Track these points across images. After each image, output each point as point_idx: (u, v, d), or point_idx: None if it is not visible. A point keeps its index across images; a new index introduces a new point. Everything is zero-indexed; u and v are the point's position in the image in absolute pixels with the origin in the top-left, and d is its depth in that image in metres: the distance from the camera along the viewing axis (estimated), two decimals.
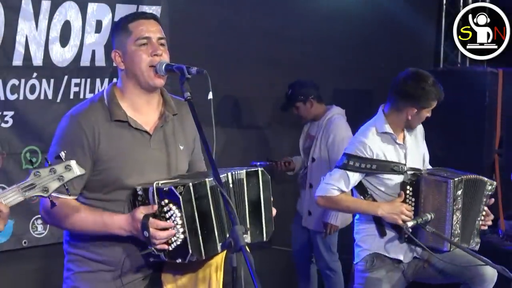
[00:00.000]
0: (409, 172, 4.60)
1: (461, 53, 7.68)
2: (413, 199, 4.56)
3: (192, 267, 3.34)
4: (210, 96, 3.18)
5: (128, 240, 3.31)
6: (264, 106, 6.55)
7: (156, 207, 3.19)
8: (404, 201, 4.55)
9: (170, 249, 3.21)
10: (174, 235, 3.18)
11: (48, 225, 4.87)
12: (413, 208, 4.55)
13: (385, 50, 7.27)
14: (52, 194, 3.21)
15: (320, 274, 6.42)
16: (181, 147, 3.48)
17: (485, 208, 4.68)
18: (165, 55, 3.36)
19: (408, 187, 4.57)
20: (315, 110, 6.11)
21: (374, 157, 4.55)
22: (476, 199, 4.62)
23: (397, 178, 4.60)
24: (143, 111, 3.42)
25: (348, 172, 4.55)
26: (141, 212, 3.20)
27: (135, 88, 3.38)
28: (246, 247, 2.92)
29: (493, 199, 4.70)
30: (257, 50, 6.30)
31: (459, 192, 4.51)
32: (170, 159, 3.42)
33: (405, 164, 4.60)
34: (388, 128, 4.62)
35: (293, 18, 6.58)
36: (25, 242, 4.88)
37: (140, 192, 3.25)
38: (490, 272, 4.53)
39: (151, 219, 3.17)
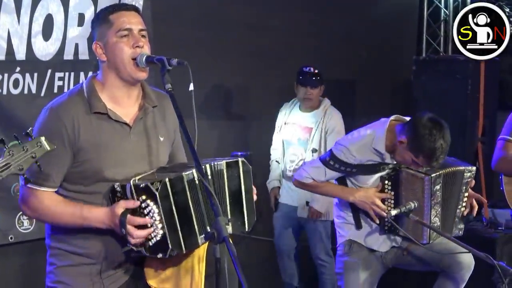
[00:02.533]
0: (388, 168, 4.60)
1: (443, 42, 7.74)
2: (392, 193, 4.58)
3: (175, 260, 3.34)
4: (191, 87, 3.19)
5: (108, 232, 3.32)
6: (246, 97, 6.56)
7: (137, 203, 3.20)
8: (381, 192, 4.58)
9: (150, 244, 3.22)
10: (153, 231, 3.19)
11: (34, 220, 4.86)
12: (392, 201, 4.58)
13: (367, 40, 7.29)
14: (32, 186, 3.25)
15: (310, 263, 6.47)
16: (162, 139, 3.48)
17: (468, 192, 4.68)
18: (146, 47, 3.35)
19: (386, 181, 4.59)
20: (318, 98, 6.22)
21: (357, 163, 4.56)
22: (455, 189, 4.65)
23: (375, 177, 4.62)
24: (123, 103, 3.41)
25: (327, 169, 4.60)
26: (121, 206, 3.21)
27: (116, 80, 3.38)
28: (229, 238, 2.95)
29: (473, 181, 4.71)
30: (240, 41, 6.31)
31: (437, 187, 4.52)
32: (151, 151, 3.43)
33: (386, 164, 4.57)
34: (382, 149, 4.51)
35: (275, 9, 6.59)
36: (11, 238, 4.87)
37: (118, 189, 3.25)
38: (467, 260, 4.57)
39: (129, 216, 3.17)
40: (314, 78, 6.16)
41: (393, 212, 4.50)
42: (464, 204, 4.69)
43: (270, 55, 6.52)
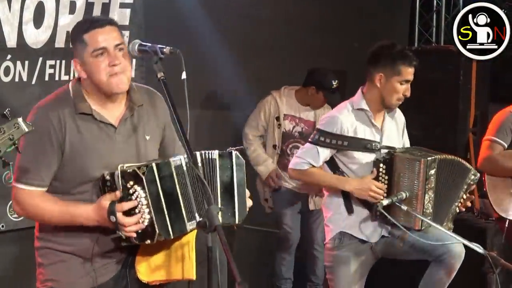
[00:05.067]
0: (382, 150, 4.63)
1: (436, 32, 7.74)
2: (386, 177, 4.59)
3: (165, 249, 3.37)
4: (184, 75, 3.19)
5: (96, 229, 3.34)
6: (237, 88, 6.54)
7: (119, 193, 3.21)
8: (376, 179, 4.59)
9: (139, 231, 3.23)
10: (141, 217, 3.20)
11: None
12: (386, 186, 4.59)
13: (359, 30, 7.28)
14: (22, 186, 3.26)
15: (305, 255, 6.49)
16: (147, 137, 3.49)
17: (467, 196, 4.73)
18: (124, 61, 3.34)
19: (381, 164, 4.60)
20: None
21: (344, 133, 4.58)
22: (455, 183, 4.67)
23: (370, 157, 4.63)
24: (108, 105, 3.43)
25: (318, 147, 4.60)
26: (106, 199, 3.24)
27: (98, 92, 3.39)
28: (221, 227, 2.95)
29: (474, 186, 4.76)
30: (230, 31, 6.29)
31: (432, 172, 4.55)
32: (138, 150, 3.44)
33: (379, 142, 4.63)
34: (364, 105, 4.64)
35: None
36: (2, 226, 4.86)
37: (107, 177, 3.27)
38: (458, 249, 4.58)
39: (117, 203, 3.20)
40: (338, 93, 6.18)
41: (385, 202, 4.51)
42: (460, 203, 4.72)
43: (263, 45, 6.50)
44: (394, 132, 4.79)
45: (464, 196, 4.73)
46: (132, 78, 3.50)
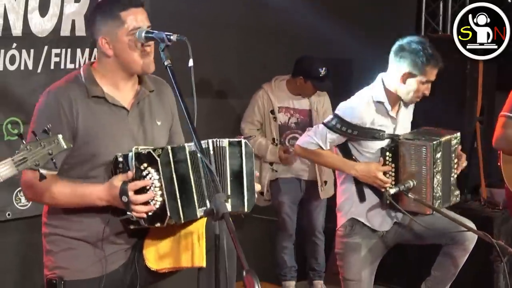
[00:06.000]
0: (387, 139, 4.61)
1: (442, 21, 7.70)
2: (393, 165, 4.58)
3: (174, 236, 3.37)
4: (191, 63, 3.18)
5: (106, 211, 3.33)
6: (245, 75, 6.54)
7: (131, 174, 3.21)
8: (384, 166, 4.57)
9: (149, 213, 3.23)
10: (153, 199, 3.20)
11: None
12: (393, 174, 4.57)
13: (366, 19, 7.25)
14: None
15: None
16: (159, 123, 3.51)
17: (457, 159, 4.71)
18: (152, 44, 3.37)
19: (387, 153, 4.59)
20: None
21: (360, 124, 4.56)
22: (449, 158, 4.65)
23: (379, 145, 4.62)
24: (120, 88, 3.44)
25: (328, 130, 4.58)
26: (119, 179, 3.24)
27: (120, 71, 3.41)
28: (228, 215, 2.94)
29: (460, 147, 4.72)
30: (240, 17, 6.27)
31: (438, 155, 4.54)
32: (148, 135, 3.45)
33: (384, 132, 4.61)
34: (383, 98, 4.60)
35: None
36: (8, 214, 4.87)
37: (120, 159, 3.27)
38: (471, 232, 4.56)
39: (129, 183, 3.20)
40: (328, 80, 6.14)
41: (392, 191, 4.51)
42: (455, 170, 4.71)
43: (269, 32, 6.48)
44: (407, 120, 4.78)
45: (456, 161, 4.70)
46: None
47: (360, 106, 4.61)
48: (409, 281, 5.68)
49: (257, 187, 3.50)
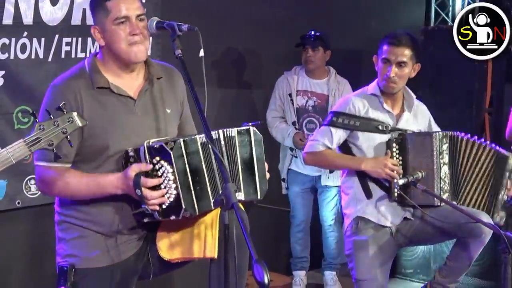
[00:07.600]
0: (393, 132, 4.60)
1: (452, 12, 7.68)
2: (400, 157, 4.57)
3: (187, 227, 3.37)
4: (202, 53, 3.19)
5: (120, 200, 3.34)
6: (256, 66, 6.54)
7: (150, 166, 3.20)
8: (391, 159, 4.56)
9: (164, 207, 3.23)
10: (167, 192, 3.20)
11: None
12: (401, 166, 4.56)
13: (376, 10, 7.24)
14: (45, 164, 3.27)
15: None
16: (168, 110, 3.49)
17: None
18: (144, 32, 3.36)
19: (394, 144, 4.58)
20: (323, 63, 6.23)
21: (356, 113, 4.58)
22: (494, 173, 4.64)
23: (381, 138, 4.61)
24: (125, 77, 3.43)
25: (332, 128, 4.59)
26: (133, 170, 3.22)
27: (116, 61, 3.40)
28: (239, 204, 2.95)
29: None
30: (250, 8, 6.27)
31: (445, 147, 4.54)
32: (158, 123, 3.44)
33: (389, 124, 4.60)
34: (376, 91, 4.63)
35: None
36: (18, 203, 4.87)
37: (131, 153, 3.27)
38: (486, 223, 4.50)
39: (142, 177, 3.19)
40: (314, 39, 6.17)
41: (401, 182, 4.49)
42: (506, 191, 4.68)
43: (278, 23, 6.48)
44: (411, 124, 4.73)
45: (509, 183, 4.67)
46: (148, 56, 3.50)
47: (351, 96, 4.70)
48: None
49: (267, 175, 3.50)
